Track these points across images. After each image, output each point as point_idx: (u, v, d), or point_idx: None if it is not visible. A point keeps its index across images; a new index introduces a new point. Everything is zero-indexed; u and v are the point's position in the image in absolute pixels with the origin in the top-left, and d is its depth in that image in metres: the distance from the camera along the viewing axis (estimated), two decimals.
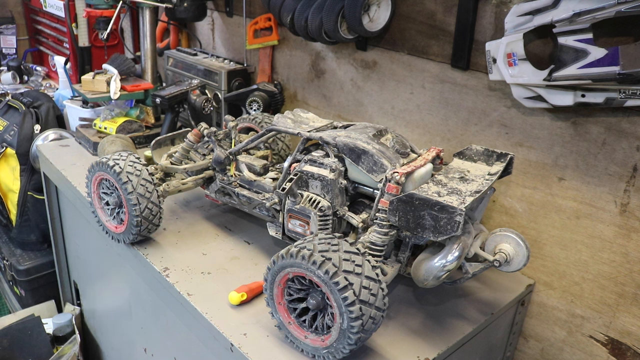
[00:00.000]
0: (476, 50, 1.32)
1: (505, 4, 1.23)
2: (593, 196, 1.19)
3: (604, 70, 1.01)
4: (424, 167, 1.07)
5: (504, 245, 1.05)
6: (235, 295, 1.15)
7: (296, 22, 1.57)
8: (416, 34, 1.45)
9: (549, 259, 1.30)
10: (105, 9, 1.89)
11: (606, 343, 1.24)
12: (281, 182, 1.20)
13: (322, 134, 1.16)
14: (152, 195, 1.26)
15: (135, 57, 2.22)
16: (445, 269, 0.98)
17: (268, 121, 1.53)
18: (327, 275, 0.90)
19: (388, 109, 1.59)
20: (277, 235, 1.24)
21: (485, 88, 1.33)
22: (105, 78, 1.82)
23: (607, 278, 1.21)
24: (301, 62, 1.85)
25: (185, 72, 2.07)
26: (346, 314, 0.90)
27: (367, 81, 1.63)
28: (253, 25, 1.93)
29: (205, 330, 1.13)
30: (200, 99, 1.82)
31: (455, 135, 1.43)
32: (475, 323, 1.15)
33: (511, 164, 1.11)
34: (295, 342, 1.03)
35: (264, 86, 1.85)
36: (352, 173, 1.12)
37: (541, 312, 1.35)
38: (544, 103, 1.14)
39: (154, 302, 1.36)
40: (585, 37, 1.03)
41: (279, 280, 1.00)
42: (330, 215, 1.11)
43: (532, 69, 1.12)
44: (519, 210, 1.34)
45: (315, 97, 1.84)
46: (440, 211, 0.93)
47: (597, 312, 1.24)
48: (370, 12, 1.47)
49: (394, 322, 1.14)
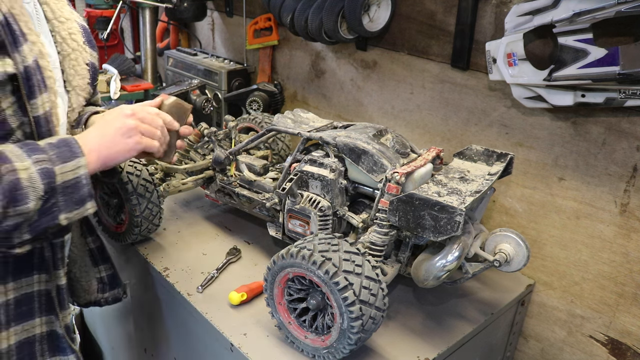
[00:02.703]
0: (476, 50, 1.32)
1: (505, 4, 1.23)
2: (593, 196, 1.19)
3: (604, 70, 1.01)
4: (424, 167, 1.07)
5: (504, 245, 1.05)
6: (235, 295, 1.14)
7: (296, 22, 1.57)
8: (416, 34, 1.45)
9: (549, 259, 1.30)
10: (105, 9, 1.90)
11: (606, 343, 1.24)
12: (281, 182, 1.20)
13: (322, 134, 1.16)
14: (153, 196, 1.26)
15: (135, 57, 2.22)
16: (445, 269, 0.98)
17: (268, 121, 1.53)
18: (327, 275, 0.90)
19: (388, 109, 1.59)
20: (277, 235, 1.24)
21: (485, 88, 1.33)
22: (105, 78, 1.82)
23: (607, 278, 1.21)
24: (301, 62, 1.85)
25: (185, 72, 2.07)
26: (346, 314, 0.90)
27: (367, 81, 1.63)
28: (253, 25, 1.93)
29: (205, 330, 1.13)
30: (200, 99, 1.82)
31: (455, 135, 1.43)
32: (475, 323, 1.15)
33: (511, 164, 1.11)
34: (295, 342, 1.03)
35: (264, 86, 1.85)
36: (352, 173, 1.12)
37: (541, 312, 1.35)
38: (544, 103, 1.14)
39: (154, 302, 1.36)
40: (585, 37, 1.03)
41: (279, 280, 1.00)
42: (330, 215, 1.11)
43: (532, 69, 1.12)
44: (519, 210, 1.34)
45: (315, 97, 1.83)
46: (440, 211, 0.93)
47: (597, 312, 1.24)
48: (370, 12, 1.47)
49: (394, 322, 1.14)
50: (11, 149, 0.81)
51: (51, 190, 0.81)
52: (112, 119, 0.96)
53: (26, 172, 0.79)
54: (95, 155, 0.90)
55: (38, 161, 0.81)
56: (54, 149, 0.84)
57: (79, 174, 0.85)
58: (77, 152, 0.86)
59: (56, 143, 0.86)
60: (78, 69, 1.00)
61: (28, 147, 0.83)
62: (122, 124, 0.94)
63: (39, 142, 0.85)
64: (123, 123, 0.94)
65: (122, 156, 0.94)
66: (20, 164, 0.79)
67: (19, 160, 0.80)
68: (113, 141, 0.93)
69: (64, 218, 0.84)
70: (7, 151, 0.80)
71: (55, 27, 0.97)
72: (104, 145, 0.92)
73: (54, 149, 0.84)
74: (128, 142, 0.94)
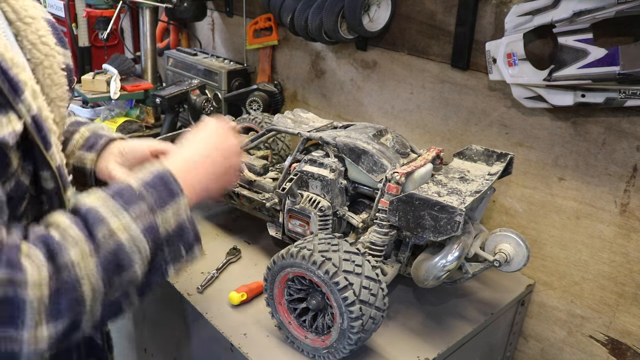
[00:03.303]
0: (476, 50, 1.32)
1: (505, 4, 1.23)
2: (593, 196, 1.19)
3: (604, 70, 1.01)
4: (424, 167, 1.07)
5: (504, 245, 1.05)
6: (235, 295, 1.14)
7: (296, 22, 1.57)
8: (416, 34, 1.45)
9: (549, 259, 1.30)
10: (105, 9, 1.89)
11: (606, 343, 1.24)
12: (281, 182, 1.20)
13: (322, 134, 1.16)
14: None
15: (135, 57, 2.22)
16: (445, 269, 0.98)
17: (268, 121, 1.53)
18: (327, 275, 0.90)
19: (388, 109, 1.59)
20: (277, 235, 1.24)
21: (485, 88, 1.33)
22: (105, 78, 1.82)
23: (607, 278, 1.21)
24: (301, 62, 1.85)
25: (185, 72, 2.07)
26: (346, 314, 0.90)
27: (367, 81, 1.63)
28: (253, 25, 1.93)
29: (205, 330, 1.13)
30: (200, 99, 1.82)
31: (455, 135, 1.43)
32: (475, 323, 1.15)
33: (511, 164, 1.11)
34: (295, 342, 1.03)
35: (264, 86, 1.85)
36: (352, 173, 1.12)
37: (541, 312, 1.35)
38: (544, 103, 1.14)
39: (153, 302, 1.36)
40: (585, 37, 1.03)
41: (279, 280, 1.00)
42: (330, 215, 1.11)
43: (532, 69, 1.12)
44: (519, 210, 1.34)
45: (315, 97, 1.83)
46: (440, 211, 0.93)
47: (597, 312, 1.24)
48: (370, 12, 1.47)
49: (394, 322, 1.14)
50: (103, 201, 0.68)
51: (155, 245, 0.70)
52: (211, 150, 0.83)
53: (126, 232, 0.66)
54: (192, 191, 0.77)
55: (139, 216, 0.68)
56: (151, 190, 0.71)
57: (181, 218, 0.73)
58: (177, 192, 0.73)
59: (151, 182, 0.72)
60: (54, 77, 0.80)
61: (122, 195, 0.69)
62: (223, 158, 0.83)
63: (130, 182, 0.71)
64: (225, 158, 0.84)
65: (215, 195, 0.83)
66: (119, 223, 0.66)
67: (115, 217, 0.67)
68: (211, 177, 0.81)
69: (173, 271, 0.74)
70: (97, 207, 0.67)
71: (21, 31, 0.76)
72: (202, 180, 0.80)
73: (151, 190, 0.71)
74: (225, 181, 0.85)
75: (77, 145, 1.02)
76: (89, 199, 0.68)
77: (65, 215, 0.66)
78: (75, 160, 1.02)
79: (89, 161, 1.01)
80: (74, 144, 1.02)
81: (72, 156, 1.02)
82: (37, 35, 0.77)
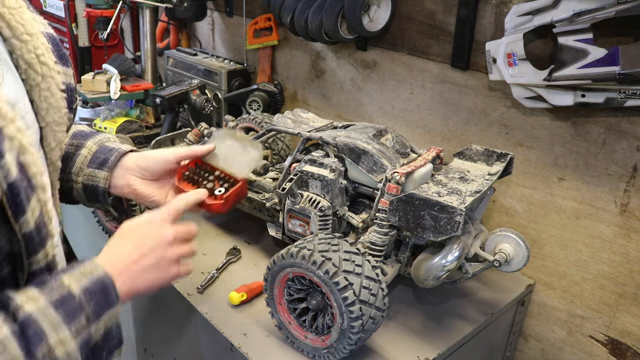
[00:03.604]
0: (476, 50, 1.32)
1: (505, 4, 1.23)
2: (593, 196, 1.19)
3: (604, 70, 1.01)
4: (424, 167, 1.07)
5: (504, 245, 1.05)
6: (235, 295, 1.14)
7: (296, 22, 1.57)
8: (416, 34, 1.45)
9: (549, 259, 1.30)
10: (105, 9, 1.89)
11: (606, 343, 1.24)
12: (281, 182, 1.20)
13: (322, 134, 1.16)
14: None
15: (135, 57, 2.22)
16: (445, 269, 0.98)
17: (268, 121, 1.53)
18: (327, 275, 0.90)
19: (388, 109, 1.59)
20: (277, 235, 1.24)
21: (485, 88, 1.33)
22: (105, 78, 1.82)
23: (607, 278, 1.21)
24: (301, 62, 1.85)
25: (185, 72, 2.06)
26: (346, 314, 0.90)
27: (367, 81, 1.63)
28: (253, 25, 1.93)
29: (205, 330, 1.13)
30: (200, 99, 1.82)
31: (455, 135, 1.43)
32: (475, 323, 1.15)
33: (511, 164, 1.11)
34: (295, 342, 1.03)
35: (264, 86, 1.85)
36: (352, 173, 1.12)
37: (541, 312, 1.35)
38: (544, 103, 1.14)
39: (154, 302, 1.36)
40: (585, 37, 1.03)
41: (279, 280, 1.00)
42: (330, 215, 1.11)
43: (532, 69, 1.12)
44: (519, 210, 1.34)
45: (315, 97, 1.83)
46: (440, 211, 0.93)
47: (597, 312, 1.24)
48: (370, 12, 1.47)
49: (394, 322, 1.14)
50: (44, 312, 0.63)
51: (85, 356, 0.67)
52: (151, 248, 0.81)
53: (63, 347, 0.64)
54: (126, 291, 0.76)
55: (78, 331, 0.66)
56: (91, 298, 0.68)
57: (111, 324, 0.71)
58: (113, 301, 0.71)
59: (91, 288, 0.69)
60: (52, 100, 0.73)
61: (64, 305, 0.65)
62: (160, 256, 0.81)
63: (72, 287, 0.67)
64: (162, 256, 0.81)
65: (152, 290, 0.81)
66: (57, 339, 0.63)
67: (55, 332, 0.63)
68: (148, 277, 0.79)
69: None
70: (38, 319, 0.62)
71: (17, 49, 0.70)
72: (138, 280, 0.78)
73: (91, 298, 0.68)
74: (164, 277, 0.82)
75: (84, 162, 0.98)
76: (29, 305, 0.63)
77: (4, 318, 0.62)
78: (85, 179, 0.98)
79: (102, 180, 0.97)
80: (81, 160, 0.98)
81: (80, 174, 0.98)
82: (34, 54, 0.71)
